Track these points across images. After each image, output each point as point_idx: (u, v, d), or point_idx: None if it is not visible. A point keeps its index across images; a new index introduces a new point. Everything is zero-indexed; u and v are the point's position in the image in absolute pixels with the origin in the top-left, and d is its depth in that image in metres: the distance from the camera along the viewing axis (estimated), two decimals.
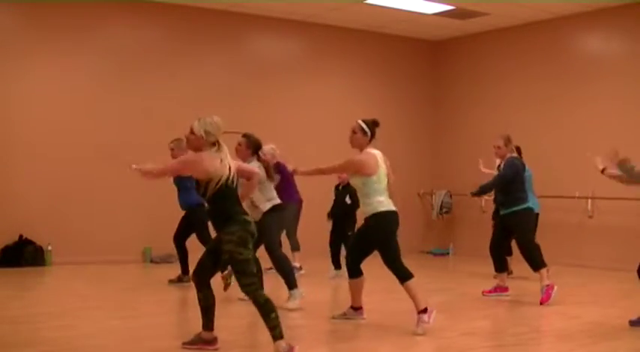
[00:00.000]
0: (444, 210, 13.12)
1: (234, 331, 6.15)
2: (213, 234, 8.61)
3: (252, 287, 4.88)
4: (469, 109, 13.10)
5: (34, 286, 8.80)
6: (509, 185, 7.64)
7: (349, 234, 9.09)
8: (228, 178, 4.99)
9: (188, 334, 6.21)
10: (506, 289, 7.95)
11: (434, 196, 13.26)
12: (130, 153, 10.55)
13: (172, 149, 8.50)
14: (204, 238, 8.40)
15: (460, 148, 13.12)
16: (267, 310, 4.83)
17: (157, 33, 11.21)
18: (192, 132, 5.09)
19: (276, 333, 4.83)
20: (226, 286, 7.90)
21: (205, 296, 5.18)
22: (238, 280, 4.95)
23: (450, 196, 13.14)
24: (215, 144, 5.09)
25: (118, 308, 7.07)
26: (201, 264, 5.20)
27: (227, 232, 4.93)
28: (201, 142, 5.06)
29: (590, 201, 11.05)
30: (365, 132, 6.18)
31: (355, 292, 6.42)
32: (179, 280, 8.68)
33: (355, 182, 6.19)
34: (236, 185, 5.09)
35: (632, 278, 9.87)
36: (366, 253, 6.28)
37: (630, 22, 10.87)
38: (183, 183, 8.40)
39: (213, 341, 5.23)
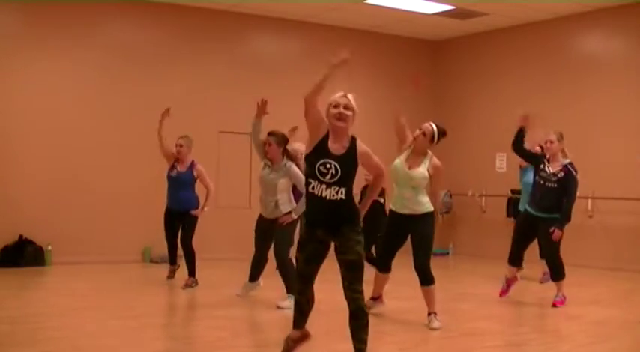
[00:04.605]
0: (444, 210, 13.12)
1: (234, 331, 6.15)
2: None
3: (363, 295, 4.58)
4: (469, 109, 13.11)
5: (34, 286, 8.79)
6: (562, 193, 7.37)
7: (379, 235, 8.85)
8: None
9: (188, 334, 6.22)
10: (515, 279, 7.82)
11: None
12: (131, 152, 10.59)
13: (181, 145, 8.50)
14: (189, 241, 8.41)
15: (460, 148, 13.12)
16: (365, 323, 4.57)
17: (158, 33, 11.20)
18: (348, 107, 4.69)
19: (361, 348, 4.59)
20: (186, 287, 8.21)
21: (308, 300, 4.91)
22: (353, 284, 4.53)
23: (450, 196, 13.14)
24: None
25: (118, 308, 7.06)
26: (303, 274, 4.82)
27: (356, 231, 4.60)
28: (353, 121, 4.68)
29: (590, 201, 11.05)
30: (433, 139, 6.34)
31: (380, 285, 6.68)
32: (172, 272, 8.84)
33: (422, 183, 6.29)
34: None
35: (633, 278, 9.92)
36: (399, 248, 6.53)
37: (630, 22, 10.87)
38: (187, 182, 8.43)
39: (306, 336, 4.99)
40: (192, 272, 8.40)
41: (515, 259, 7.79)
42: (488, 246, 8.92)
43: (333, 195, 4.56)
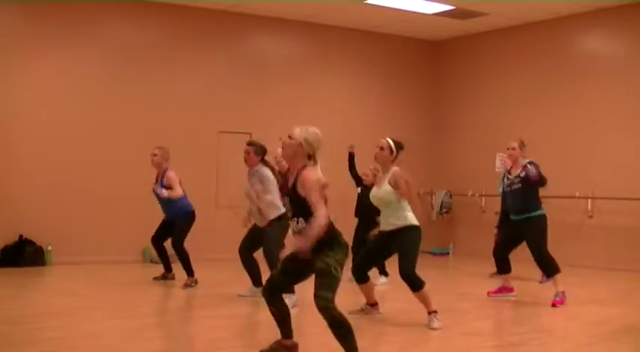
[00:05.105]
0: (444, 210, 13.12)
1: (234, 331, 6.16)
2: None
3: (331, 304, 4.54)
4: (469, 109, 13.10)
5: (34, 286, 8.79)
6: (530, 190, 7.51)
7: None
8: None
9: (188, 334, 6.22)
10: (511, 289, 7.92)
11: (434, 196, 13.26)
12: (131, 152, 10.59)
13: (155, 155, 8.57)
14: (179, 244, 8.44)
15: (460, 148, 13.13)
16: (343, 330, 4.58)
17: (158, 33, 11.20)
18: (290, 137, 4.74)
19: (349, 350, 4.63)
20: (186, 287, 8.24)
21: (279, 309, 4.96)
22: (318, 290, 4.56)
23: (450, 196, 13.14)
24: (310, 158, 4.72)
25: (118, 308, 7.07)
26: (272, 283, 4.95)
27: (331, 250, 4.65)
28: (298, 150, 4.71)
29: (590, 201, 11.05)
30: (392, 151, 6.38)
31: (368, 293, 6.75)
32: (163, 277, 8.82)
33: (390, 197, 6.31)
34: None
35: (632, 278, 9.92)
36: (380, 262, 6.74)
37: (630, 22, 10.87)
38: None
39: (293, 347, 5.06)
40: (189, 272, 8.41)
41: (505, 267, 7.87)
42: (488, 245, 8.93)
43: (297, 228, 4.74)
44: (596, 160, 11.10)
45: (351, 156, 9.14)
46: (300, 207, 4.71)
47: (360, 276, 6.59)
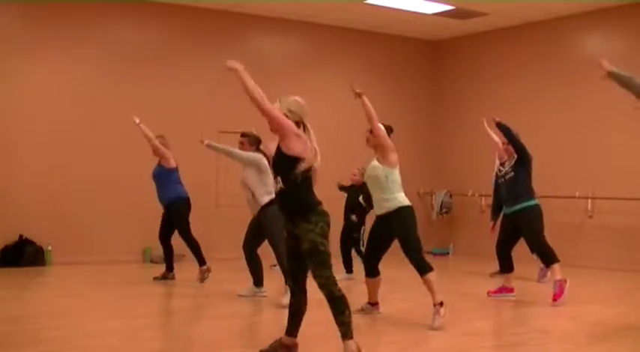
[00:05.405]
0: (444, 210, 13.12)
1: (234, 331, 6.16)
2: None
3: (331, 280, 4.65)
4: (469, 109, 13.09)
5: (34, 286, 8.79)
6: (523, 176, 7.61)
7: (355, 235, 9.06)
8: (311, 165, 4.75)
9: (188, 334, 6.23)
10: (511, 290, 7.92)
11: (434, 196, 13.26)
12: (131, 153, 10.59)
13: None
14: (185, 233, 8.54)
15: (460, 148, 13.13)
16: (340, 306, 4.67)
17: (158, 33, 11.21)
18: None
19: (346, 332, 4.70)
20: (202, 280, 8.45)
21: (298, 301, 4.94)
22: (314, 271, 4.67)
23: (450, 196, 13.14)
24: (299, 125, 4.79)
25: (118, 308, 7.07)
26: (290, 272, 4.96)
27: (309, 222, 4.68)
28: None
29: (590, 201, 11.06)
30: None
31: (372, 290, 6.69)
32: (163, 277, 8.83)
33: (378, 173, 6.33)
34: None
35: (633, 278, 9.93)
36: (385, 250, 6.56)
37: (630, 22, 10.87)
38: (166, 176, 8.57)
39: (293, 347, 5.02)
40: (200, 261, 8.57)
41: (507, 266, 7.88)
42: (488, 245, 8.95)
43: (277, 187, 4.82)
44: (596, 160, 11.10)
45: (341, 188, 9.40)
46: (276, 164, 4.80)
47: (371, 270, 6.56)
